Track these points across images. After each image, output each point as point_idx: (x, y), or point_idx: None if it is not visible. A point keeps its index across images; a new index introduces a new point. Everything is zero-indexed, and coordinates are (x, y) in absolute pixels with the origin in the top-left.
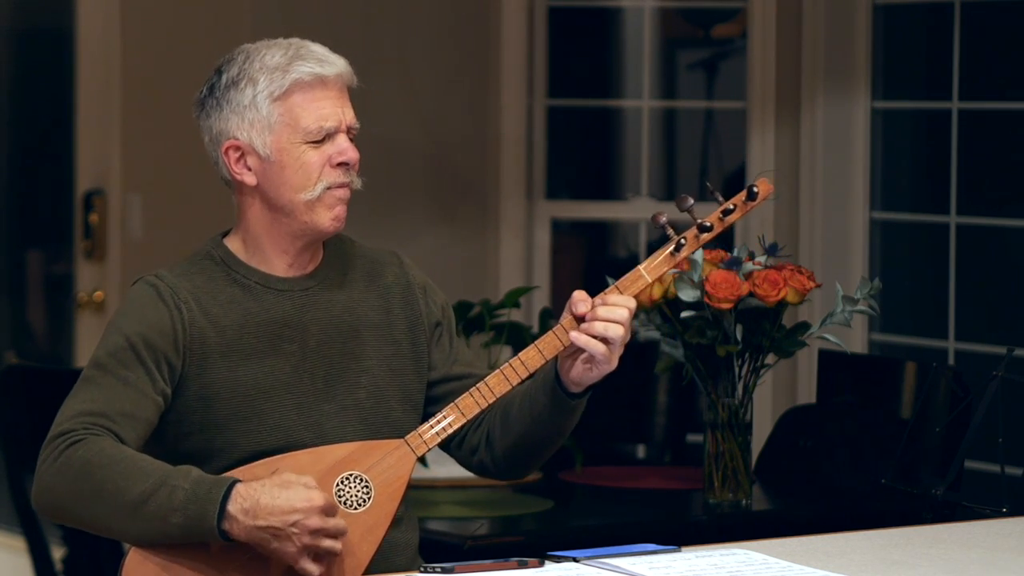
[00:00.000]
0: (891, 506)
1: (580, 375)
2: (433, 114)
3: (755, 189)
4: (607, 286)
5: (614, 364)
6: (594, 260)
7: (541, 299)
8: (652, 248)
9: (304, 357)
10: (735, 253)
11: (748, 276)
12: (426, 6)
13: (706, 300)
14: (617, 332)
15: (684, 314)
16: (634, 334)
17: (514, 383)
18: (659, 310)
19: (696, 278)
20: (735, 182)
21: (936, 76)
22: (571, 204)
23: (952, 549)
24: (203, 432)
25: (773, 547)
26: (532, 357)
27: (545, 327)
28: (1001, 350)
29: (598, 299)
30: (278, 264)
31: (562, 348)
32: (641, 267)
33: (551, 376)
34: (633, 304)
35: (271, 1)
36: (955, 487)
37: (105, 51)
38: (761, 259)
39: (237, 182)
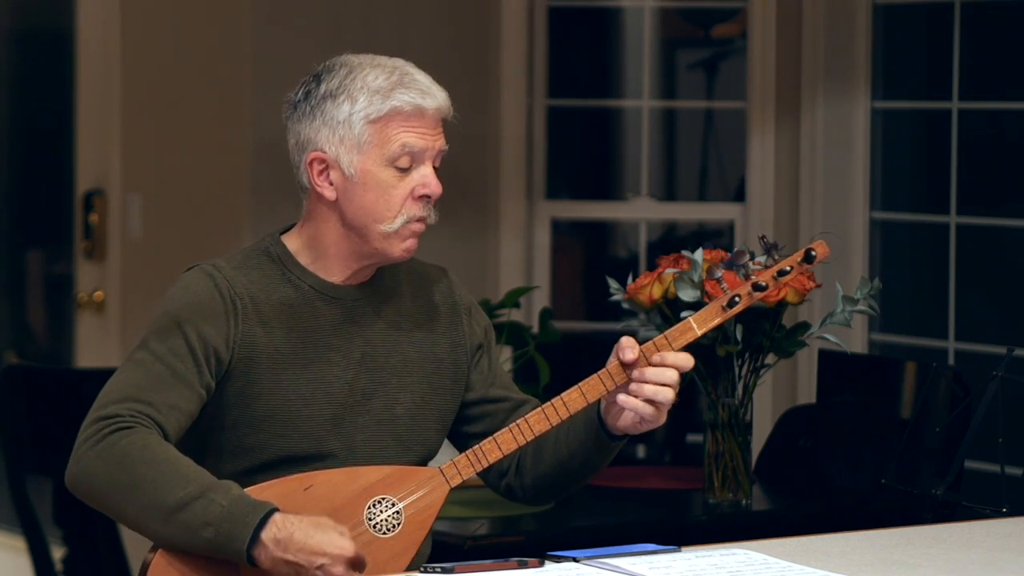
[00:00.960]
0: (891, 506)
1: (627, 426)
2: None
3: (812, 252)
4: (608, 287)
5: (662, 421)
6: (594, 260)
7: (541, 299)
8: (651, 248)
9: (347, 367)
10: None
11: (748, 276)
12: (426, 6)
13: (706, 300)
14: (667, 396)
15: (684, 314)
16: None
17: (554, 423)
18: (659, 310)
19: (696, 278)
20: (735, 182)
21: (936, 76)
22: (571, 204)
23: (952, 549)
24: (236, 429)
25: (773, 547)
26: (575, 399)
27: (545, 327)
28: (1001, 350)
29: (648, 349)
30: (337, 273)
31: (605, 392)
32: (691, 319)
33: (594, 415)
34: (685, 363)
35: (271, 1)
36: (955, 487)
37: (105, 51)
38: (761, 259)
39: (315, 193)
